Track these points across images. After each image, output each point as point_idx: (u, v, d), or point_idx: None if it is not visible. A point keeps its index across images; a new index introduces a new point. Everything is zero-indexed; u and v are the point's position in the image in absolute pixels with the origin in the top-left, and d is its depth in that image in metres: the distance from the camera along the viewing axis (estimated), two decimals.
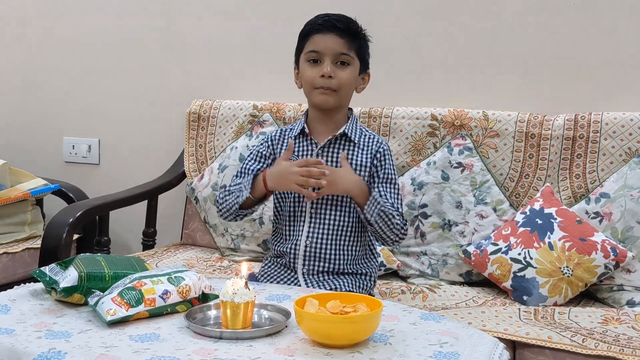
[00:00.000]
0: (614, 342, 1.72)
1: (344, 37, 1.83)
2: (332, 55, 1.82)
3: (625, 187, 2.12)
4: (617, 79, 2.33)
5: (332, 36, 1.83)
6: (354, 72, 1.85)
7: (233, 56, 2.80)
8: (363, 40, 1.88)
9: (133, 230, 2.92)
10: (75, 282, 1.48)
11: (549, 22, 2.39)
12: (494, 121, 2.31)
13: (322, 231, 1.84)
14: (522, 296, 2.06)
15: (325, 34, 1.83)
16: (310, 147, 1.88)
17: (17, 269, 2.52)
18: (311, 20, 1.88)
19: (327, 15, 1.86)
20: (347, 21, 1.86)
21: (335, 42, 1.82)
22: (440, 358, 1.28)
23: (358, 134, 1.88)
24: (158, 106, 2.94)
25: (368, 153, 1.86)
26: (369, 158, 1.86)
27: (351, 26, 1.85)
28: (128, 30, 2.96)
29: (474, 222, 2.25)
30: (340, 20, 1.85)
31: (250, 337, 1.34)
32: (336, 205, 1.84)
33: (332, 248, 1.83)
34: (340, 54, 1.82)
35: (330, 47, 1.82)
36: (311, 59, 1.85)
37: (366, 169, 1.85)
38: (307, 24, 1.89)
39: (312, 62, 1.85)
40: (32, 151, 3.14)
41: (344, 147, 1.86)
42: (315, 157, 1.85)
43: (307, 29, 1.87)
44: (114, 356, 1.24)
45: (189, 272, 1.53)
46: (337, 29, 1.83)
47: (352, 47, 1.84)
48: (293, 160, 1.81)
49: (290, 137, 1.90)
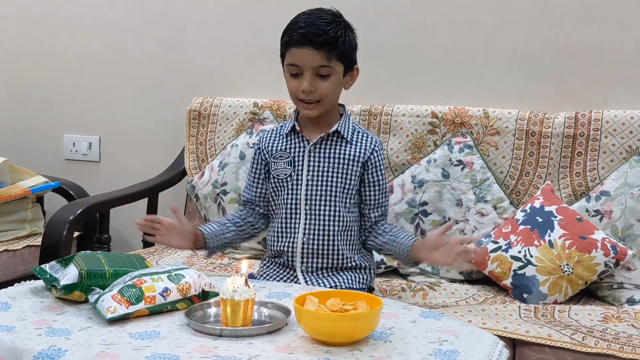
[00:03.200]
0: (614, 340, 1.72)
1: (322, 49, 1.77)
2: (311, 69, 1.78)
3: (626, 185, 2.12)
4: (618, 76, 2.33)
5: (309, 50, 1.77)
6: (337, 79, 1.81)
7: (233, 54, 2.80)
8: (345, 43, 1.81)
9: (133, 228, 2.88)
10: (76, 279, 1.49)
11: (549, 20, 2.39)
12: (494, 119, 2.31)
13: (318, 226, 1.84)
14: (522, 294, 2.06)
15: (303, 48, 1.77)
16: (302, 144, 1.88)
17: (18, 267, 2.52)
18: (289, 27, 1.83)
19: (304, 23, 1.79)
20: (325, 31, 1.77)
21: (313, 56, 1.77)
22: (440, 356, 1.28)
23: (351, 131, 1.87)
24: (159, 104, 2.94)
25: (361, 150, 1.86)
26: (361, 154, 1.85)
27: (330, 37, 1.77)
28: (129, 28, 2.96)
29: (474, 220, 2.25)
30: (317, 32, 1.77)
31: (250, 335, 1.34)
32: (329, 199, 1.84)
33: (329, 242, 1.84)
34: (319, 67, 1.78)
35: (308, 62, 1.78)
36: (291, 73, 1.81)
37: (358, 164, 1.85)
38: (285, 31, 1.83)
39: (292, 75, 1.81)
40: (33, 148, 3.14)
41: (336, 143, 1.86)
42: (307, 154, 1.86)
43: (285, 40, 1.82)
44: (114, 354, 1.24)
45: (189, 270, 1.53)
46: (314, 42, 1.76)
47: (331, 56, 1.78)
48: None
49: (282, 135, 1.90)
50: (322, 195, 1.84)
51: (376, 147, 1.87)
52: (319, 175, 1.85)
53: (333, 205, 1.84)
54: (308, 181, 1.85)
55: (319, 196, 1.85)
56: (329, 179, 1.85)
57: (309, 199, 1.85)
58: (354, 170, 1.85)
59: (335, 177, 1.85)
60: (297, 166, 1.87)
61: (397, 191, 2.32)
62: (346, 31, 1.82)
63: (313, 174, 1.85)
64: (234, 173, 2.49)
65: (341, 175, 1.85)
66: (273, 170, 1.90)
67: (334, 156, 1.85)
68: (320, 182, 1.85)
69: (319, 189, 1.85)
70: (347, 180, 1.85)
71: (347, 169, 1.85)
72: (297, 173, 1.87)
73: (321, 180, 1.85)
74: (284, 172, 1.88)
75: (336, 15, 1.84)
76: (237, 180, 2.47)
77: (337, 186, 1.84)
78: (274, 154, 1.90)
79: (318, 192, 1.84)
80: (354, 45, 1.86)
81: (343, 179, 1.84)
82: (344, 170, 1.85)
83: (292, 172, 1.87)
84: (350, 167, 1.85)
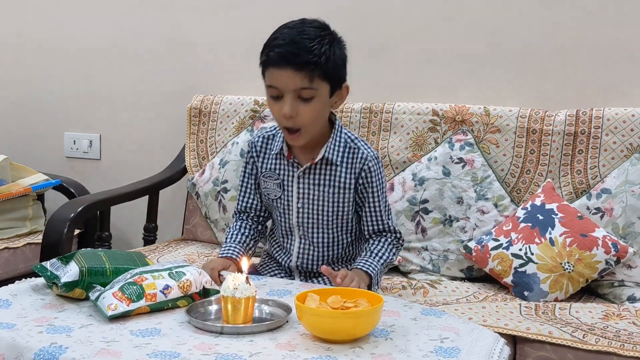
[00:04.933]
0: (615, 338, 1.72)
1: (303, 69, 1.59)
2: (292, 91, 1.61)
3: (627, 182, 2.11)
4: (619, 74, 2.33)
5: (289, 71, 1.59)
6: (321, 101, 1.64)
7: (234, 51, 2.80)
8: (330, 61, 1.62)
9: (134, 226, 2.92)
10: (77, 277, 1.49)
11: (550, 18, 2.39)
12: (495, 117, 2.31)
13: (313, 251, 1.80)
14: (523, 292, 2.06)
15: (281, 69, 1.60)
16: (291, 169, 1.77)
17: (19, 264, 2.52)
18: (267, 43, 1.66)
19: (283, 40, 1.62)
20: (306, 49, 1.59)
21: (293, 77, 1.60)
22: (441, 353, 1.28)
23: (341, 151, 1.73)
24: (159, 101, 2.94)
25: (351, 173, 1.73)
26: (352, 178, 1.74)
27: (311, 56, 1.59)
28: (130, 26, 2.96)
29: (475, 217, 2.25)
30: (297, 51, 1.59)
31: (251, 332, 1.34)
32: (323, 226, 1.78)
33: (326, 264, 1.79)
34: (300, 89, 1.61)
35: (288, 84, 1.61)
36: (271, 95, 1.66)
37: (350, 190, 1.75)
38: (264, 48, 1.67)
39: (273, 97, 1.65)
40: (34, 146, 3.14)
41: (326, 169, 1.74)
42: (297, 180, 1.75)
43: (263, 59, 1.66)
44: (115, 351, 1.24)
45: (189, 267, 1.53)
46: (294, 63, 1.59)
47: (314, 76, 1.60)
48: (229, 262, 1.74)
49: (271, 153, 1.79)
50: (315, 223, 1.78)
51: (365, 166, 1.73)
52: (310, 203, 1.76)
53: (327, 231, 1.79)
54: (299, 209, 1.78)
55: (311, 223, 1.78)
56: (320, 206, 1.76)
57: (301, 226, 1.79)
58: (346, 196, 1.75)
59: (327, 204, 1.76)
60: (287, 190, 1.78)
61: (397, 189, 2.32)
62: (332, 46, 1.64)
63: (304, 202, 1.77)
64: (234, 171, 2.49)
65: (333, 202, 1.75)
66: (263, 189, 1.82)
67: (324, 183, 1.75)
68: (311, 209, 1.77)
69: (311, 216, 1.77)
70: (340, 208, 1.76)
71: (338, 197, 1.75)
72: (287, 198, 1.78)
73: (313, 208, 1.77)
74: (274, 193, 1.80)
75: (321, 29, 1.66)
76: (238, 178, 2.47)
77: (329, 214, 1.77)
78: (264, 172, 1.81)
79: (310, 220, 1.78)
80: (341, 61, 1.68)
81: (335, 207, 1.76)
82: (335, 198, 1.75)
83: (282, 195, 1.79)
84: (342, 194, 1.75)
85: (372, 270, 1.71)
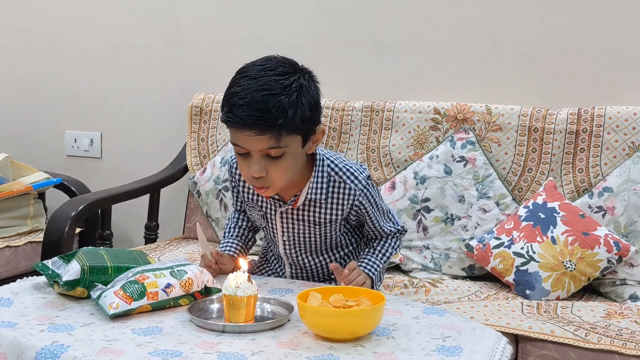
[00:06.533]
0: (617, 337, 1.72)
1: (267, 131, 1.44)
2: (258, 152, 1.48)
3: (629, 181, 2.11)
4: (621, 73, 2.32)
5: (251, 135, 1.45)
6: (293, 155, 1.51)
7: (235, 49, 2.79)
8: (297, 115, 1.46)
9: (135, 224, 2.92)
10: (78, 275, 1.48)
11: (552, 16, 2.39)
12: (496, 115, 2.31)
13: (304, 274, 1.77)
14: (524, 290, 2.06)
15: (244, 132, 1.46)
16: (272, 203, 1.66)
17: (20, 263, 2.52)
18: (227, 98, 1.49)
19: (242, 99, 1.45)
20: (268, 110, 1.43)
21: (258, 140, 1.46)
22: (443, 352, 1.27)
23: (324, 189, 1.60)
24: (160, 100, 2.94)
25: (338, 209, 1.62)
26: (339, 213, 1.63)
27: (275, 117, 1.44)
28: (130, 24, 2.95)
29: (476, 216, 2.25)
30: (258, 115, 1.43)
31: (252, 331, 1.34)
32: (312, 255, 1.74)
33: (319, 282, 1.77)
34: (268, 148, 1.47)
35: (253, 146, 1.47)
36: (237, 152, 1.52)
37: (337, 222, 1.65)
38: (223, 102, 1.50)
39: (239, 154, 1.52)
40: (34, 145, 3.14)
41: (309, 207, 1.63)
42: (280, 217, 1.66)
43: (222, 118, 1.49)
44: (116, 349, 1.24)
45: (191, 266, 1.53)
46: (256, 127, 1.44)
47: (281, 134, 1.45)
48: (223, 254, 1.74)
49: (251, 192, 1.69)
50: (303, 252, 1.73)
51: (356, 201, 1.61)
52: (295, 236, 1.69)
53: (316, 257, 1.74)
54: (285, 242, 1.71)
55: (299, 253, 1.73)
56: (307, 239, 1.69)
57: (289, 255, 1.73)
58: (333, 227, 1.67)
59: (314, 237, 1.69)
60: (270, 223, 1.69)
61: (399, 187, 2.32)
62: (300, 95, 1.47)
63: (289, 235, 1.69)
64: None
65: (320, 235, 1.68)
66: (249, 214, 1.75)
67: (310, 220, 1.65)
68: (297, 242, 1.70)
69: (298, 248, 1.72)
70: (328, 238, 1.69)
71: (325, 229, 1.67)
72: (272, 229, 1.70)
73: (299, 240, 1.70)
74: (259, 222, 1.73)
75: (286, 75, 1.48)
76: None
77: (317, 244, 1.70)
78: (247, 202, 1.71)
79: (297, 251, 1.72)
80: (313, 107, 1.50)
81: (323, 238, 1.69)
82: (322, 231, 1.67)
83: (267, 226, 1.71)
84: (328, 227, 1.66)
85: (373, 272, 1.70)
